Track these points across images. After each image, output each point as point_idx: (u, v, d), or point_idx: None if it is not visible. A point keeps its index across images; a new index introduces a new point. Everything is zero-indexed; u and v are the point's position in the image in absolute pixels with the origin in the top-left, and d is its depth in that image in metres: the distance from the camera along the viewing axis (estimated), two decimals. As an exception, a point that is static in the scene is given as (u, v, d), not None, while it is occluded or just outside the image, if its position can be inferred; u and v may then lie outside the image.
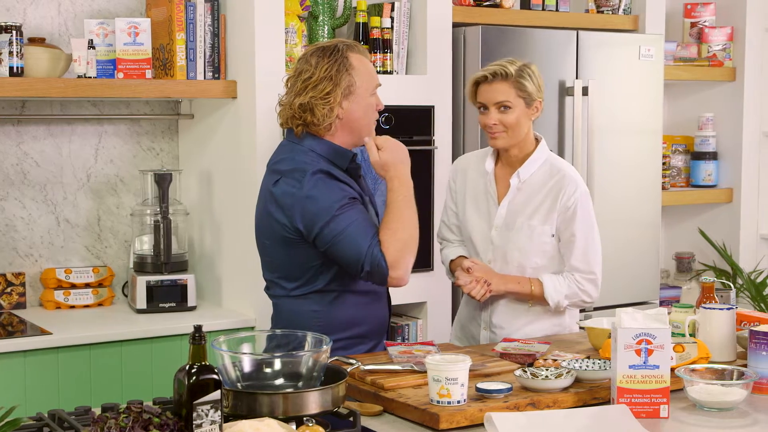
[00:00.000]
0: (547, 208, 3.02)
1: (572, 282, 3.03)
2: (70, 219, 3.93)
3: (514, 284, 3.02)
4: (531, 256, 3.03)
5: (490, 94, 3.00)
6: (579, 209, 3.02)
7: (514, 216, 3.04)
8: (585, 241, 3.04)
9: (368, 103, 2.83)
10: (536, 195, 3.04)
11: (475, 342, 3.13)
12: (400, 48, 4.03)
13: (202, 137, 3.98)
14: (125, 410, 1.92)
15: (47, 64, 3.56)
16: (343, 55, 2.80)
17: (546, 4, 4.41)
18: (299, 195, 2.71)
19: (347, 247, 2.68)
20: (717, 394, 2.32)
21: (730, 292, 4.32)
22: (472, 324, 3.17)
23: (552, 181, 3.04)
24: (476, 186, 3.13)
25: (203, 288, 3.99)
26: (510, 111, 2.98)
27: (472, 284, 2.98)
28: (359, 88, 2.80)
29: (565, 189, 3.01)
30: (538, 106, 3.03)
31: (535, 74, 3.02)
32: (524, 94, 2.98)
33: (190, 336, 1.91)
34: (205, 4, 3.75)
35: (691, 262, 5.19)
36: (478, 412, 2.21)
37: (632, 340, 2.25)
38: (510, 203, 3.05)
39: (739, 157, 5.06)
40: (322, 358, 2.18)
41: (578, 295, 3.05)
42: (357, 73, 2.80)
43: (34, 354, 3.28)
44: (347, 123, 2.81)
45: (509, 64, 3.00)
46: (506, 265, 3.05)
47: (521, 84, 2.98)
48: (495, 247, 3.07)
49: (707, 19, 5.10)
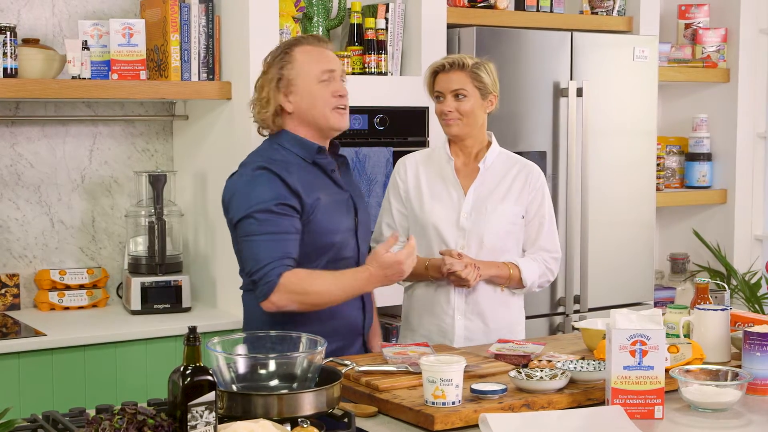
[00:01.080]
0: (518, 189, 3.12)
1: (541, 262, 3.14)
2: (65, 220, 3.93)
3: (495, 269, 3.07)
4: (503, 237, 3.10)
5: (446, 83, 3.08)
6: (546, 192, 3.17)
7: (482, 200, 3.10)
8: (551, 222, 3.18)
9: (314, 93, 2.79)
10: (503, 179, 3.13)
11: (446, 336, 3.11)
12: (395, 49, 4.03)
13: (197, 138, 3.98)
14: (120, 412, 1.92)
15: (41, 65, 3.56)
16: (284, 52, 2.84)
17: (540, 6, 4.41)
18: (234, 188, 2.76)
19: (251, 252, 2.69)
20: (711, 395, 2.32)
21: (724, 293, 4.33)
22: (440, 317, 3.12)
23: (517, 166, 3.16)
24: (433, 177, 3.16)
25: (198, 289, 3.98)
26: (466, 99, 3.07)
27: (468, 269, 2.98)
28: (299, 81, 2.80)
29: (533, 172, 3.16)
30: (493, 100, 3.12)
31: (492, 71, 3.11)
32: (480, 84, 3.07)
33: (185, 337, 1.90)
34: (199, 5, 3.74)
35: (685, 263, 5.20)
36: (473, 413, 2.21)
37: (627, 341, 2.26)
38: (477, 188, 3.11)
39: (733, 159, 5.07)
40: (317, 359, 2.18)
41: (546, 275, 3.16)
42: (295, 66, 2.80)
43: (28, 355, 3.28)
44: (299, 116, 2.82)
45: (466, 57, 3.11)
46: (481, 250, 3.08)
47: (477, 75, 3.07)
48: (467, 232, 3.09)
49: (701, 20, 5.11)
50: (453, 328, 3.10)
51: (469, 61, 3.08)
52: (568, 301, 4.30)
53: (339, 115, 2.82)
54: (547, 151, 4.21)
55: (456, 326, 3.10)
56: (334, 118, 2.82)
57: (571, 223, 4.28)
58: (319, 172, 2.83)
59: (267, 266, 2.66)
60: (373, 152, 3.84)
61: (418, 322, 3.17)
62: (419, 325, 3.16)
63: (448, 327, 3.11)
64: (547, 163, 4.21)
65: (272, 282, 2.65)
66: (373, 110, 3.90)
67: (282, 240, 2.69)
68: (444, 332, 3.11)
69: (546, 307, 4.25)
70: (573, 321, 4.11)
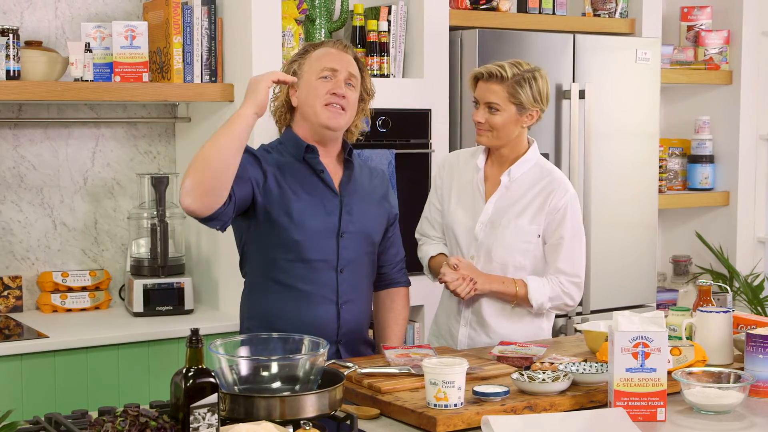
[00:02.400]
0: (536, 208, 3.02)
1: (556, 284, 3.00)
2: (67, 222, 3.93)
3: (499, 284, 3.00)
4: (515, 254, 3.02)
5: (482, 93, 3.00)
6: (569, 212, 3.02)
7: (500, 214, 3.04)
8: (572, 245, 3.02)
9: (311, 86, 2.81)
10: (525, 195, 3.04)
11: (453, 340, 3.11)
12: (397, 51, 4.04)
13: (199, 140, 3.98)
14: (122, 414, 1.92)
15: (44, 68, 3.56)
16: (305, 50, 2.88)
17: (543, 8, 4.41)
18: None
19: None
20: (714, 397, 2.32)
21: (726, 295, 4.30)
22: (450, 322, 3.13)
23: (542, 183, 3.04)
24: (464, 182, 3.13)
25: (200, 291, 3.99)
26: (498, 113, 2.97)
27: (459, 281, 2.95)
28: (304, 75, 2.83)
29: (556, 191, 3.01)
30: (533, 114, 3.01)
31: (538, 83, 2.98)
32: (516, 100, 2.96)
33: (187, 339, 1.91)
34: (202, 7, 3.75)
35: (687, 265, 5.20)
36: (475, 415, 2.21)
37: (629, 343, 2.25)
38: (498, 201, 3.05)
39: (736, 161, 5.07)
40: (319, 362, 2.18)
41: (561, 298, 3.01)
42: (305, 63, 2.84)
43: (30, 357, 3.28)
44: (300, 111, 2.85)
45: (511, 66, 2.98)
46: (489, 263, 3.04)
47: (515, 90, 2.95)
48: (479, 243, 3.05)
49: (704, 22, 5.11)
50: (458, 335, 3.11)
51: (509, 72, 2.95)
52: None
53: (330, 113, 2.80)
54: (549, 153, 4.21)
55: (460, 333, 3.11)
56: (324, 114, 2.79)
57: (573, 226, 4.28)
58: (307, 170, 2.83)
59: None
60: (375, 154, 3.84)
61: (435, 321, 3.22)
62: (438, 331, 3.19)
63: (454, 332, 3.12)
64: (549, 165, 4.21)
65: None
66: (375, 112, 3.89)
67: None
68: (452, 335, 3.13)
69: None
70: (575, 323, 4.11)
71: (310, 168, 2.83)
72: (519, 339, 2.97)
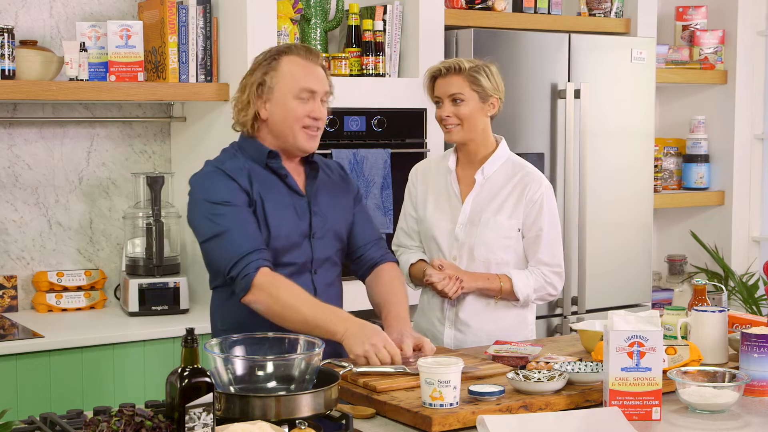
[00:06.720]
0: (513, 203, 3.06)
1: (539, 276, 3.06)
2: (62, 222, 3.93)
3: (484, 281, 3.04)
4: (497, 251, 3.06)
5: (444, 87, 3.04)
6: (545, 204, 3.06)
7: (478, 212, 3.07)
8: (550, 236, 3.07)
9: (288, 107, 2.72)
10: (501, 191, 3.07)
11: (438, 342, 3.09)
12: (393, 51, 4.04)
13: (195, 140, 3.98)
14: (117, 413, 1.92)
15: (39, 67, 3.56)
16: (272, 58, 2.76)
17: (538, 8, 4.42)
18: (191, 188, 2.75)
19: (222, 248, 2.65)
20: (709, 397, 2.32)
21: (721, 295, 4.32)
22: (433, 324, 3.14)
23: (516, 177, 3.08)
24: (439, 186, 3.15)
25: (195, 291, 3.98)
26: (463, 104, 3.02)
27: (446, 281, 2.98)
28: (277, 91, 2.73)
29: (531, 184, 3.06)
30: (495, 102, 3.06)
31: (493, 73, 3.06)
32: (478, 88, 3.02)
33: (183, 339, 1.91)
34: (197, 6, 3.74)
35: (683, 264, 5.20)
36: (471, 414, 2.21)
37: (624, 343, 2.26)
38: (474, 199, 3.08)
39: (731, 160, 5.08)
40: (315, 361, 2.18)
41: (545, 288, 3.07)
42: (278, 75, 2.73)
43: (25, 357, 3.28)
44: (271, 126, 2.75)
45: (465, 61, 3.05)
46: (472, 262, 3.07)
47: (475, 78, 3.01)
48: (460, 243, 3.08)
49: (699, 22, 5.11)
50: (443, 336, 3.12)
51: (467, 65, 3.03)
52: (565, 302, 4.31)
53: (307, 136, 2.74)
54: (544, 152, 4.22)
55: (445, 336, 3.11)
56: (301, 137, 2.74)
57: (568, 225, 4.28)
58: (271, 175, 2.77)
59: (245, 258, 2.61)
60: (371, 154, 3.84)
61: (417, 324, 3.19)
62: (417, 328, 3.17)
63: (438, 334, 3.13)
64: (544, 164, 4.22)
65: (250, 276, 2.59)
66: (370, 112, 3.90)
67: (243, 230, 2.65)
68: (436, 339, 3.11)
69: (544, 308, 4.25)
70: (571, 323, 4.11)
71: (273, 173, 2.77)
72: (505, 333, 3.03)
